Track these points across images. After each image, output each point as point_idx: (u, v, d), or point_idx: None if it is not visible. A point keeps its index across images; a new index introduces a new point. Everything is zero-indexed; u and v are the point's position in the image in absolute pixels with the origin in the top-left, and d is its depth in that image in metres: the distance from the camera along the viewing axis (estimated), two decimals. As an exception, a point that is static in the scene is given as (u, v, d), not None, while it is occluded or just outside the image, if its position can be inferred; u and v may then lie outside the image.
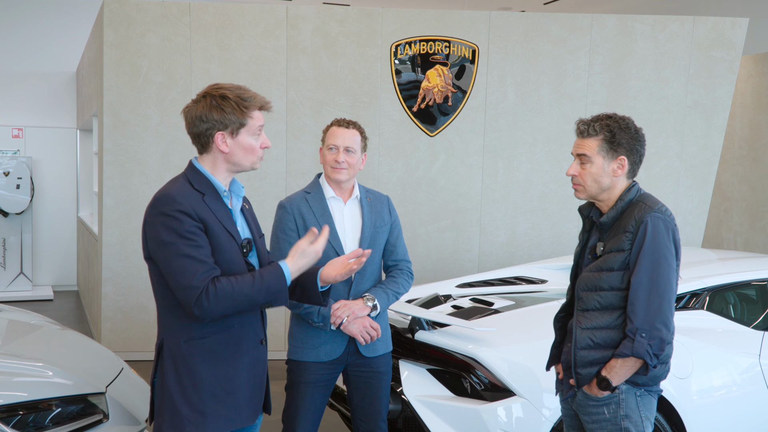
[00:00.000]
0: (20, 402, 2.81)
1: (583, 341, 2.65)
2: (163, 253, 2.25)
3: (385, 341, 3.20)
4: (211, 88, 2.36)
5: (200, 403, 2.30)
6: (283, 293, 2.31)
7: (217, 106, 2.31)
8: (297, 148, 6.34)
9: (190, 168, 2.39)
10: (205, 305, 2.20)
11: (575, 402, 2.74)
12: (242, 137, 2.34)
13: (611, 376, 2.58)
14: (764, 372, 3.61)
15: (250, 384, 2.40)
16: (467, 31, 6.47)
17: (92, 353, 3.54)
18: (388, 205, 3.28)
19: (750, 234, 8.84)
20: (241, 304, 2.26)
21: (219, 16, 6.17)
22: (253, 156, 2.37)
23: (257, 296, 2.27)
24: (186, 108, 2.38)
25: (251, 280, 2.26)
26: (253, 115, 2.35)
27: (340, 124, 3.17)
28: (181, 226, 2.23)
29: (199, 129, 2.34)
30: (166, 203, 2.25)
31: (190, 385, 2.30)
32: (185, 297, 2.22)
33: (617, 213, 2.65)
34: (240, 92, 2.34)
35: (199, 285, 2.20)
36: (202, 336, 2.30)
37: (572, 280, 2.83)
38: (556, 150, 6.62)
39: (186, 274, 2.21)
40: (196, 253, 2.23)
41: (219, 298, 2.21)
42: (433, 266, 6.57)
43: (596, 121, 2.65)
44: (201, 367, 2.30)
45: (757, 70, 8.75)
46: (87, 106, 7.98)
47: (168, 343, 2.32)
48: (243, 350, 2.37)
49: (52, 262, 9.74)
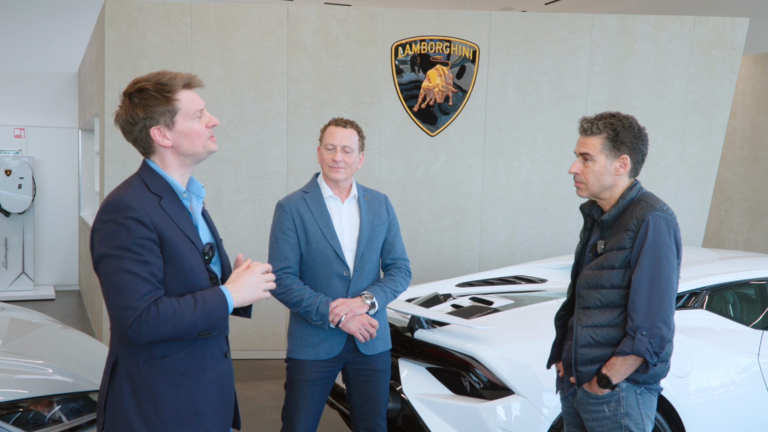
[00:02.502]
0: (21, 399, 2.82)
1: (584, 339, 2.66)
2: (105, 265, 2.02)
3: (383, 339, 3.21)
4: (129, 85, 2.14)
5: (162, 428, 2.08)
6: (223, 320, 2.10)
7: (138, 102, 2.09)
8: (298, 147, 6.35)
9: (145, 168, 2.16)
10: (143, 328, 1.98)
11: (576, 400, 2.74)
12: (180, 124, 2.11)
13: (611, 374, 2.59)
14: (763, 371, 3.62)
15: (217, 401, 2.19)
16: (468, 31, 6.48)
17: (92, 351, 3.55)
18: (386, 204, 3.29)
19: (751, 234, 8.84)
20: (180, 330, 2.03)
21: (220, 16, 6.19)
22: (200, 140, 2.14)
23: (198, 321, 2.05)
24: (115, 117, 2.16)
25: (193, 304, 2.04)
26: (180, 96, 2.11)
27: (337, 123, 3.18)
28: (130, 237, 2.00)
29: (133, 134, 2.12)
30: (118, 209, 2.03)
31: (151, 409, 2.07)
32: (120, 317, 1.98)
33: (619, 211, 2.66)
34: (158, 78, 2.11)
35: (139, 306, 1.98)
36: (164, 355, 2.08)
37: (573, 278, 2.83)
38: (557, 150, 6.63)
39: (126, 292, 1.98)
40: (140, 270, 2.00)
41: (159, 322, 1.99)
42: (434, 266, 6.57)
43: (600, 120, 2.65)
44: (163, 389, 2.08)
45: (758, 70, 8.75)
46: (88, 105, 8.00)
47: (124, 363, 2.08)
48: (207, 366, 2.16)
49: (54, 262, 9.76)
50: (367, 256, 3.16)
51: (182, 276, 2.08)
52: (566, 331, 2.84)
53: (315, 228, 3.11)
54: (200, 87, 2.19)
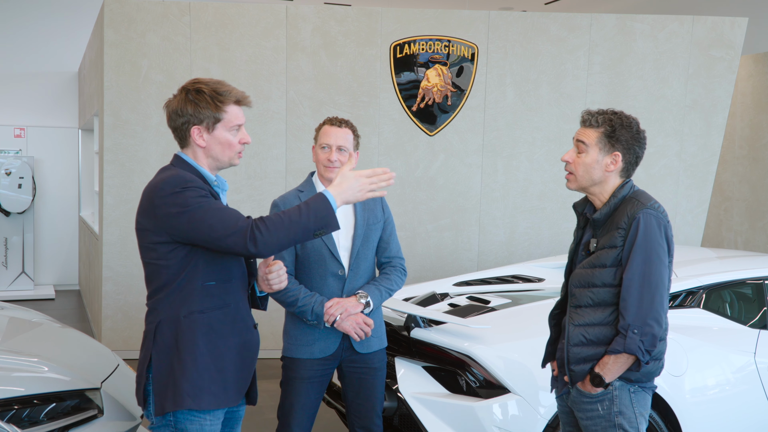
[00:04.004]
0: (16, 397, 2.83)
1: (576, 338, 2.66)
2: (192, 216, 2.25)
3: (379, 337, 3.21)
4: (189, 82, 2.37)
5: (198, 378, 2.33)
6: (331, 218, 2.27)
7: (192, 100, 2.32)
8: (296, 147, 6.36)
9: (177, 159, 2.39)
10: (260, 238, 2.21)
11: (570, 399, 2.75)
12: (218, 132, 2.34)
13: (604, 373, 2.59)
14: (759, 370, 3.62)
15: (238, 364, 2.41)
16: (467, 30, 6.48)
17: (89, 350, 3.56)
18: (381, 203, 3.29)
19: (750, 234, 8.84)
20: (294, 233, 2.24)
21: (219, 15, 6.20)
22: (230, 151, 2.37)
23: (307, 222, 2.24)
24: (166, 102, 2.40)
25: (297, 210, 2.25)
26: (228, 109, 2.35)
27: (332, 123, 3.18)
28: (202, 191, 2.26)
29: (176, 123, 2.36)
30: (176, 183, 2.26)
31: (190, 359, 2.32)
32: (236, 240, 2.22)
33: (610, 209, 2.66)
34: (216, 86, 2.34)
35: (246, 225, 2.22)
36: (202, 310, 2.34)
37: (567, 277, 2.84)
38: (556, 149, 6.63)
39: (227, 221, 2.23)
40: (225, 208, 2.27)
41: (271, 229, 2.21)
42: (433, 265, 6.58)
43: (601, 114, 2.67)
44: (199, 341, 2.33)
45: (757, 70, 8.75)
46: (88, 105, 8.01)
47: (167, 320, 2.35)
48: (236, 330, 2.40)
49: (54, 262, 9.77)
50: (362, 255, 3.17)
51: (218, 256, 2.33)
52: (560, 330, 2.84)
53: (310, 227, 3.11)
54: (249, 107, 2.42)
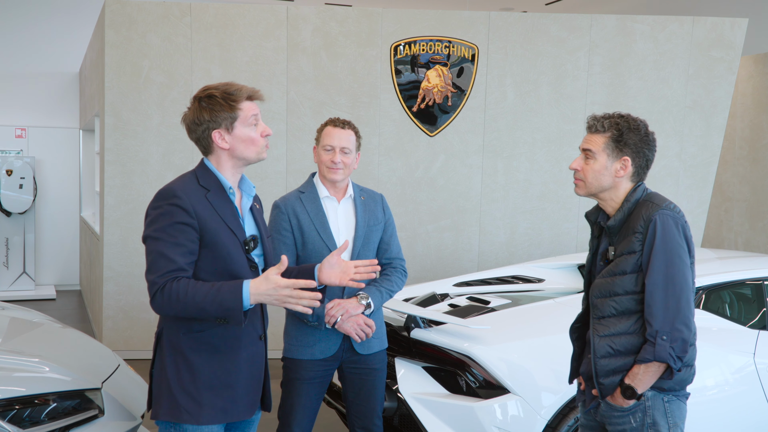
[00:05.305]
0: (17, 396, 2.83)
1: (603, 349, 2.55)
2: (147, 245, 2.33)
3: (379, 338, 3.22)
4: (200, 90, 2.44)
5: (197, 393, 2.35)
6: (236, 311, 2.25)
7: (206, 107, 2.38)
8: (297, 147, 6.37)
9: (200, 165, 2.46)
10: (158, 302, 2.26)
11: (599, 413, 2.64)
12: (238, 130, 2.39)
13: (635, 384, 2.48)
14: (759, 370, 3.62)
15: (247, 378, 2.44)
16: (467, 31, 6.49)
17: (89, 350, 3.57)
18: (381, 204, 3.29)
19: (750, 234, 8.84)
20: (190, 311, 2.26)
21: (220, 16, 6.20)
22: (255, 146, 2.42)
23: (209, 308, 2.25)
24: (182, 117, 2.46)
25: (206, 291, 2.25)
26: (242, 106, 2.39)
27: (335, 124, 3.18)
28: (170, 220, 2.29)
29: (196, 133, 2.42)
30: (165, 196, 2.33)
31: (188, 375, 2.35)
32: (149, 287, 2.28)
33: (624, 215, 2.57)
34: (226, 87, 2.40)
35: (158, 282, 2.25)
36: (201, 329, 2.36)
37: (586, 289, 2.74)
38: (556, 150, 6.63)
39: (154, 269, 2.27)
40: (169, 251, 2.27)
41: (171, 299, 2.24)
42: (433, 266, 6.58)
43: (607, 119, 2.59)
44: (198, 359, 2.35)
45: (758, 71, 8.76)
46: (89, 106, 8.02)
47: (167, 334, 2.38)
48: (242, 345, 2.41)
49: (55, 262, 9.78)
50: (363, 256, 3.17)
51: (220, 261, 2.34)
52: (583, 344, 2.74)
53: (311, 228, 3.13)
54: (261, 101, 2.46)
